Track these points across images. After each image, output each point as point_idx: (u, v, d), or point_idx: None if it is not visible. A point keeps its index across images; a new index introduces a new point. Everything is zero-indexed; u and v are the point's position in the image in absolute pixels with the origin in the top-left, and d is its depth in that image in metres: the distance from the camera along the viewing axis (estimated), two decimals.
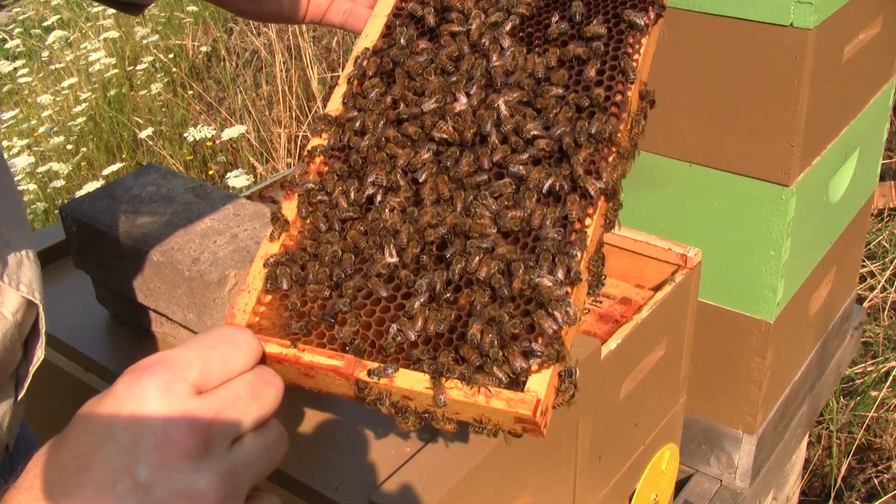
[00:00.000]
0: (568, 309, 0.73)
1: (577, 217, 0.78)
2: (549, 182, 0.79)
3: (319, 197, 0.86)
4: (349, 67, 0.94)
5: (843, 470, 2.57)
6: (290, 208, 0.86)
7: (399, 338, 0.75)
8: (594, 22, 0.89)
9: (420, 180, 0.84)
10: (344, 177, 0.87)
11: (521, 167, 0.81)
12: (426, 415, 0.75)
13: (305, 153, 0.90)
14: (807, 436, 2.20)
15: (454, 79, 0.89)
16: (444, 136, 0.85)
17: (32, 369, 0.90)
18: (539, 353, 0.71)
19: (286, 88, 4.07)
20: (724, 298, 1.65)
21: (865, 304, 3.00)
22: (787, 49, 1.40)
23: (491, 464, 1.00)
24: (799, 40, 1.39)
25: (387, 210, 0.83)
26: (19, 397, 0.91)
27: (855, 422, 2.70)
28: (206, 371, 0.67)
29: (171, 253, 1.12)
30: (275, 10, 1.07)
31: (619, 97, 0.84)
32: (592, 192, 0.79)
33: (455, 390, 0.71)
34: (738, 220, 1.57)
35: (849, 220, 1.90)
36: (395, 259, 0.80)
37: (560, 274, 0.75)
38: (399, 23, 0.96)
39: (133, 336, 1.25)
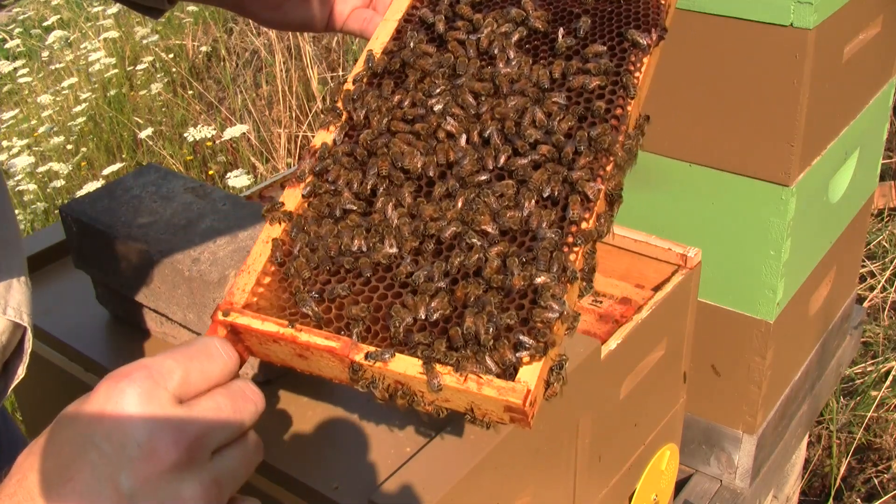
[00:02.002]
0: (561, 304, 0.75)
1: (577, 218, 0.80)
2: (549, 188, 0.82)
3: (325, 187, 0.88)
4: (359, 67, 0.96)
5: (843, 470, 2.57)
6: (292, 196, 0.88)
7: (398, 324, 0.77)
8: (597, 43, 0.93)
9: (429, 170, 0.86)
10: (349, 168, 0.88)
11: (522, 171, 0.84)
12: (413, 399, 0.77)
13: (312, 145, 0.92)
14: (807, 436, 2.20)
15: (461, 81, 0.91)
16: (452, 130, 0.88)
17: (13, 385, 0.91)
18: (528, 346, 0.73)
19: (286, 88, 4.07)
20: (724, 298, 1.65)
21: (865, 304, 3.00)
22: (787, 49, 1.40)
23: (491, 464, 1.00)
24: (799, 40, 1.39)
25: (389, 206, 0.85)
26: None
27: (855, 422, 2.70)
28: (186, 380, 0.68)
29: (171, 253, 1.12)
30: (298, 20, 1.08)
31: (619, 111, 0.87)
32: (591, 195, 0.81)
33: (448, 376, 0.74)
34: (738, 220, 1.57)
35: (849, 220, 1.90)
36: (395, 250, 0.82)
37: (556, 270, 0.77)
38: (410, 27, 0.99)
39: (133, 336, 1.25)
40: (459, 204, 0.83)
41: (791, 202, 1.51)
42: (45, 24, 5.27)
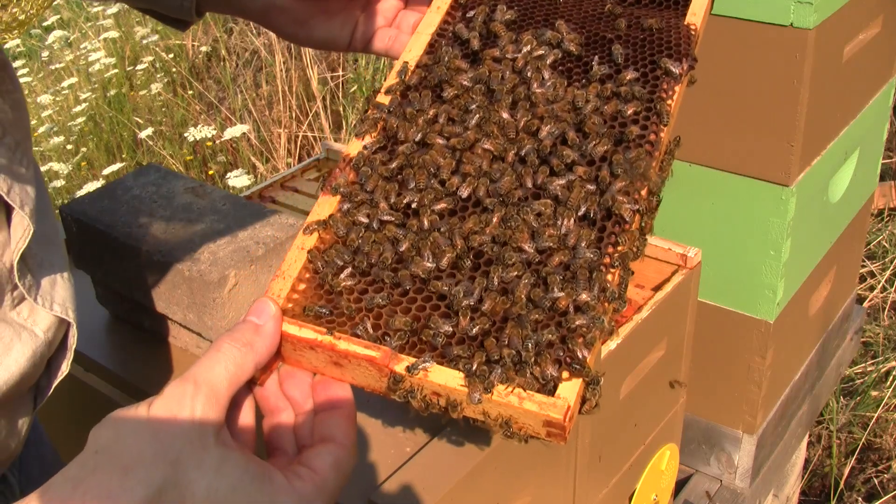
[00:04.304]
0: (602, 324, 0.77)
1: (614, 239, 0.83)
2: (585, 207, 0.84)
3: (361, 196, 0.88)
4: (392, 80, 0.97)
5: (844, 470, 2.57)
6: (327, 204, 0.88)
7: (438, 336, 0.77)
8: (630, 69, 0.95)
9: (462, 190, 0.87)
10: (387, 178, 0.89)
11: (559, 190, 0.86)
12: (448, 408, 0.77)
13: (347, 153, 0.91)
14: (807, 436, 2.20)
15: (498, 98, 0.92)
16: (490, 148, 0.89)
17: (56, 382, 0.91)
18: (569, 362, 0.75)
19: (286, 88, 4.07)
20: (724, 298, 1.65)
21: (865, 304, 3.00)
22: (787, 49, 1.40)
23: (491, 464, 1.00)
24: (799, 40, 1.39)
25: (426, 218, 0.85)
26: (37, 408, 0.91)
27: (855, 422, 2.70)
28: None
29: (171, 253, 1.12)
30: (323, 37, 1.07)
31: (653, 136, 0.89)
32: (627, 217, 0.83)
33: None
34: (738, 220, 1.57)
35: (849, 220, 1.90)
36: (433, 264, 0.83)
37: (595, 291, 0.78)
38: (444, 42, 0.99)
39: (133, 336, 1.25)
40: (495, 220, 0.84)
41: (791, 202, 1.51)
42: (45, 24, 5.27)
